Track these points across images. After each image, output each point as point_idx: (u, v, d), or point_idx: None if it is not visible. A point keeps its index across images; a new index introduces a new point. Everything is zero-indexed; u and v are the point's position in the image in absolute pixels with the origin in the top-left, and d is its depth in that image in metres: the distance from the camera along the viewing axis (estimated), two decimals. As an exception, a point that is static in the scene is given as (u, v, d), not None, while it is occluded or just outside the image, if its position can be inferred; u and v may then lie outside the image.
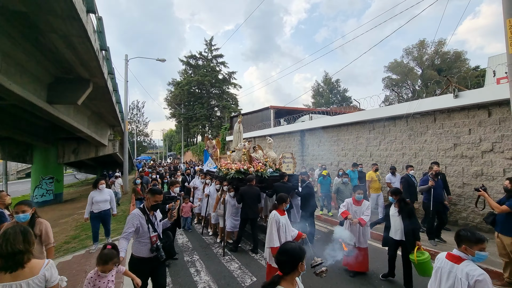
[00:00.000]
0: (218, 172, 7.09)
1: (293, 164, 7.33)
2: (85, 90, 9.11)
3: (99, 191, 5.98)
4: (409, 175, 7.06)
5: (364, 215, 4.64)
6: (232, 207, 6.13)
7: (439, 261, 2.48)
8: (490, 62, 15.10)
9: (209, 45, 43.51)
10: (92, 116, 13.44)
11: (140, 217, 3.15)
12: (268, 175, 6.56)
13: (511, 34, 5.81)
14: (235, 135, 8.38)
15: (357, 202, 4.78)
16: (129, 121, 50.97)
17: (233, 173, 6.31)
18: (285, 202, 4.07)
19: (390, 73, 40.27)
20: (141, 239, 3.14)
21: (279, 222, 3.88)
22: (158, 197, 3.26)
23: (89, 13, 6.48)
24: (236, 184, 6.26)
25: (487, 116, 6.76)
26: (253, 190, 5.94)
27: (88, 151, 16.91)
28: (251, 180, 5.98)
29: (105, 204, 6.02)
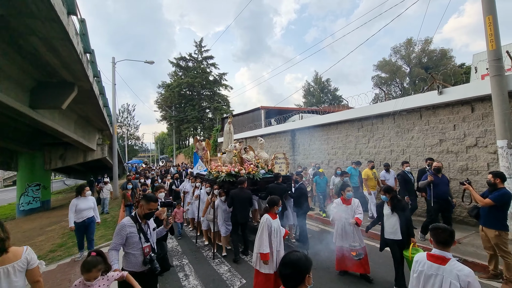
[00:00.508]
0: (208, 175, 6.84)
1: (285, 165, 7.11)
2: (69, 94, 8.91)
3: (84, 198, 5.69)
4: (405, 171, 6.87)
5: (357, 213, 4.47)
6: (224, 212, 5.82)
7: (419, 264, 2.33)
8: (475, 59, 15.43)
9: (199, 47, 43.30)
10: (78, 121, 13.16)
11: (130, 226, 2.84)
12: (260, 177, 6.33)
13: (490, 31, 5.95)
14: (225, 136, 8.08)
15: (347, 201, 4.60)
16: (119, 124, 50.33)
17: (224, 176, 6.04)
18: (277, 205, 3.84)
19: (379, 71, 40.86)
20: (131, 250, 2.83)
21: (271, 227, 3.66)
22: (153, 205, 2.96)
23: (70, 15, 6.33)
24: (227, 187, 5.96)
25: (470, 112, 6.89)
26: (244, 193, 5.66)
27: (76, 156, 16.57)
28: (242, 183, 5.70)
29: (88, 211, 5.72)
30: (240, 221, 5.63)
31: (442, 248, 2.26)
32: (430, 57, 36.68)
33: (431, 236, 2.34)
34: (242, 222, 5.67)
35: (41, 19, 5.54)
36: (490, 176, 4.33)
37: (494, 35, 5.88)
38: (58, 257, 6.28)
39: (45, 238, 8.75)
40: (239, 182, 5.74)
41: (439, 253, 2.25)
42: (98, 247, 6.34)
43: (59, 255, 6.48)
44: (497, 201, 4.06)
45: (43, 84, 8.53)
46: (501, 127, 5.71)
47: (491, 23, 5.91)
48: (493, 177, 4.27)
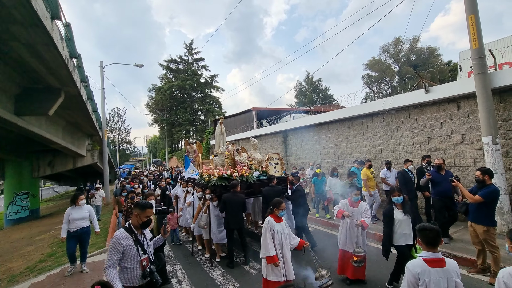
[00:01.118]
0: (200, 179, 6.57)
1: (280, 166, 6.88)
2: (56, 99, 8.75)
3: (78, 207, 5.39)
4: (406, 170, 6.69)
5: (365, 216, 4.16)
6: (216, 217, 5.59)
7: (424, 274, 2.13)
8: (461, 56, 15.78)
9: (189, 49, 43.10)
10: (67, 127, 12.92)
11: (125, 238, 2.62)
12: (254, 179, 6.04)
13: (473, 30, 6.09)
14: (217, 138, 7.88)
15: (354, 204, 4.32)
16: (110, 129, 49.59)
17: (216, 179, 5.73)
18: (278, 207, 3.62)
19: (369, 70, 41.40)
20: (128, 264, 2.63)
21: (274, 229, 3.48)
22: (149, 211, 2.76)
23: (54, 20, 6.22)
24: (220, 191, 5.68)
25: (456, 109, 7.03)
26: (237, 197, 5.41)
27: (65, 163, 16.26)
28: (235, 186, 5.45)
29: (83, 221, 5.40)
30: (233, 227, 5.38)
31: (433, 249, 2.23)
32: (418, 55, 37.40)
33: (419, 238, 2.31)
34: (235, 228, 5.42)
35: (24, 25, 5.43)
36: (479, 173, 4.39)
37: (477, 34, 6.02)
38: (47, 268, 6.13)
39: (34, 248, 8.54)
40: (231, 186, 5.49)
41: (436, 256, 2.20)
42: (89, 256, 6.22)
43: (48, 265, 6.33)
44: (486, 197, 4.13)
45: (28, 90, 8.35)
46: (485, 124, 5.84)
47: (473, 23, 6.05)
48: (481, 174, 4.34)
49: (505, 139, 6.14)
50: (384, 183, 7.58)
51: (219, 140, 7.82)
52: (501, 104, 6.20)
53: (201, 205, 5.85)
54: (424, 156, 6.63)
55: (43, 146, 12.99)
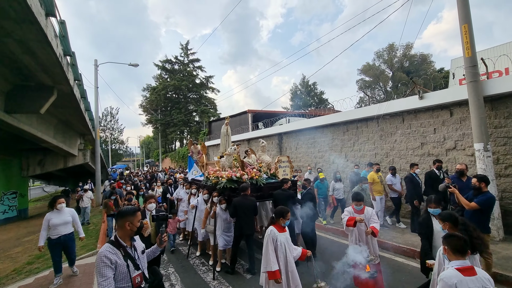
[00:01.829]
0: (206, 180, 6.32)
1: (290, 168, 6.57)
2: (48, 97, 8.58)
3: (57, 212, 4.92)
4: (414, 174, 6.49)
5: (373, 222, 3.90)
6: (224, 222, 5.27)
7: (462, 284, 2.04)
8: (453, 64, 16.13)
9: (185, 49, 42.90)
10: (59, 125, 12.68)
11: (112, 253, 2.22)
12: (264, 182, 5.74)
13: (466, 39, 6.22)
14: (222, 139, 7.58)
15: (358, 211, 4.09)
16: (102, 128, 48.91)
17: (224, 182, 5.46)
18: (284, 216, 3.37)
19: (363, 75, 41.91)
20: (118, 283, 2.23)
21: (277, 241, 3.26)
22: (139, 215, 2.47)
23: (48, 17, 6.11)
24: (228, 194, 5.40)
25: (449, 116, 7.16)
26: (248, 201, 5.08)
27: (55, 162, 15.93)
28: (245, 190, 5.13)
29: (65, 227, 4.96)
30: (246, 233, 5.03)
31: (462, 257, 2.18)
32: (411, 61, 38.05)
33: (447, 246, 2.27)
34: (248, 233, 5.09)
35: (17, 21, 5.31)
36: (475, 180, 4.44)
37: (470, 43, 6.15)
38: (35, 270, 5.97)
39: (22, 249, 8.31)
40: (242, 189, 5.15)
41: (466, 264, 2.13)
42: (79, 258, 6.09)
43: (36, 267, 6.16)
44: (482, 205, 4.16)
45: (19, 87, 8.17)
46: (477, 131, 5.96)
47: (467, 32, 6.18)
48: (478, 181, 4.38)
49: (496, 146, 6.27)
50: (390, 190, 7.36)
51: (224, 141, 7.54)
52: (492, 112, 6.33)
53: (208, 209, 5.57)
54: (435, 161, 6.39)
55: (34, 144, 12.70)
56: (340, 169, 9.92)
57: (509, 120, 6.08)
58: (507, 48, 14.07)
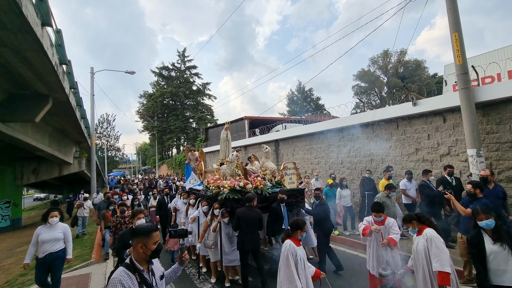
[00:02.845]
0: (206, 190, 5.78)
1: (296, 176, 6.04)
2: (43, 106, 8.56)
3: (49, 226, 4.40)
4: (427, 181, 6.12)
5: (392, 233, 3.63)
6: (227, 236, 4.88)
7: None
8: (446, 70, 16.44)
9: (182, 56, 43.21)
10: (54, 133, 12.61)
11: (126, 279, 1.94)
12: (269, 192, 5.29)
13: (457, 47, 6.35)
14: (222, 145, 7.19)
15: (379, 222, 3.82)
16: (98, 135, 48.62)
17: (227, 192, 4.98)
18: (302, 229, 3.16)
19: (359, 81, 42.44)
20: None
21: (296, 255, 2.99)
22: (157, 235, 2.10)
23: (44, 26, 6.15)
24: (231, 206, 4.93)
25: (442, 122, 7.26)
26: (253, 213, 4.63)
27: (50, 170, 15.77)
28: (251, 200, 4.68)
29: (55, 244, 4.38)
30: (248, 248, 4.58)
31: None
32: (405, 67, 38.65)
33: None
34: (251, 248, 4.61)
35: (13, 31, 5.34)
36: (470, 186, 4.49)
37: (461, 50, 6.29)
38: (28, 282, 5.85)
39: (15, 260, 8.16)
40: (247, 199, 4.71)
41: None
42: (72, 269, 5.99)
43: (29, 279, 6.03)
44: None
45: (14, 96, 8.15)
46: (470, 137, 6.04)
47: (457, 40, 6.32)
48: (472, 188, 4.43)
49: (488, 151, 6.35)
50: (404, 195, 7.00)
51: (224, 147, 7.11)
52: (484, 118, 6.44)
53: (208, 221, 5.09)
54: (446, 166, 6.18)
55: (28, 153, 12.59)
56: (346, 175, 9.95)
57: (501, 126, 6.19)
58: (498, 54, 14.39)
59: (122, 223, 5.26)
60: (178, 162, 31.67)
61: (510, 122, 6.04)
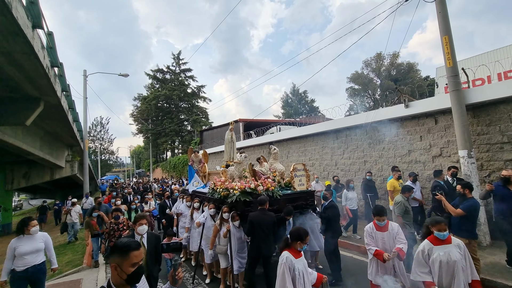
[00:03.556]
0: (212, 193, 5.56)
1: (306, 178, 5.78)
2: (34, 109, 8.44)
3: (27, 237, 4.00)
4: (441, 182, 5.74)
5: (399, 242, 3.41)
6: (238, 241, 4.59)
7: None
8: (438, 72, 16.71)
9: (176, 59, 43.11)
10: (45, 137, 12.42)
11: None
12: (280, 194, 5.05)
13: (447, 49, 6.46)
14: (226, 146, 6.98)
15: (381, 227, 3.58)
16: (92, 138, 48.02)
17: (237, 194, 4.75)
18: (303, 240, 2.91)
19: (352, 83, 42.78)
20: None
21: (294, 269, 2.78)
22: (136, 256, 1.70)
23: (35, 29, 6.07)
24: (241, 209, 4.70)
25: (434, 124, 7.36)
26: (268, 216, 4.36)
27: (42, 174, 15.50)
28: (264, 203, 4.41)
29: (36, 256, 4.02)
30: (264, 254, 4.28)
31: None
32: (398, 70, 39.13)
33: None
34: (266, 255, 4.32)
35: (3, 33, 5.26)
36: (459, 186, 4.56)
37: (451, 53, 6.40)
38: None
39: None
40: (259, 202, 4.44)
41: None
42: (63, 275, 5.88)
43: None
44: (467, 211, 4.27)
45: (4, 99, 8.01)
46: (461, 138, 6.13)
47: (447, 43, 6.43)
48: (462, 188, 4.51)
49: (479, 152, 6.45)
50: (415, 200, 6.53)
51: (229, 148, 6.92)
52: (475, 119, 6.55)
53: (218, 226, 4.82)
54: (450, 167, 6.04)
55: (19, 157, 12.36)
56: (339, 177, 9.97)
57: (491, 127, 6.29)
58: (488, 57, 14.68)
59: (116, 229, 5.05)
60: (173, 165, 31.45)
61: (500, 124, 6.15)
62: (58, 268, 4.89)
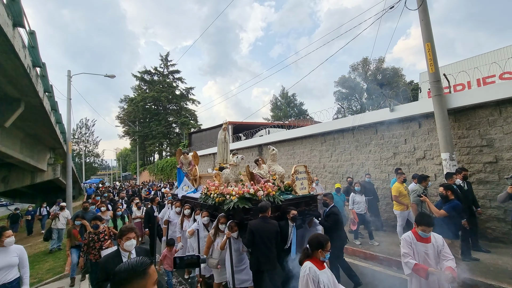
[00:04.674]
0: (205, 198, 5.05)
1: (308, 181, 5.33)
2: (14, 110, 8.13)
3: (1, 250, 3.47)
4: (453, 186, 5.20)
5: (446, 259, 2.88)
6: (235, 253, 4.13)
7: None
8: (422, 77, 17.27)
9: (165, 61, 42.62)
10: (26, 139, 11.95)
11: None
12: (282, 199, 4.59)
13: (430, 56, 6.70)
14: (219, 147, 6.53)
15: (423, 238, 3.02)
16: (76, 141, 46.66)
17: (235, 201, 4.27)
18: (324, 247, 2.61)
19: (340, 87, 43.57)
20: None
21: (319, 282, 2.46)
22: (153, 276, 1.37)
23: (16, 27, 5.87)
24: (240, 217, 4.26)
25: (418, 127, 7.58)
26: (269, 225, 3.92)
27: (22, 178, 14.87)
28: (265, 210, 3.95)
29: (9, 272, 3.45)
30: (265, 268, 3.82)
31: None
32: (384, 74, 40.18)
33: None
34: (268, 269, 3.84)
35: (-20, 31, 5.05)
36: (442, 188, 4.73)
37: (433, 59, 6.64)
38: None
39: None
40: (260, 209, 3.98)
41: None
42: (43, 283, 5.65)
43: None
44: (450, 212, 4.44)
45: (-18, 100, 7.66)
46: (443, 141, 6.35)
47: (430, 49, 6.67)
48: (444, 190, 4.68)
49: (460, 155, 6.69)
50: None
51: (222, 149, 6.48)
52: (456, 123, 6.79)
53: (211, 236, 4.35)
54: (459, 169, 5.71)
55: (-3, 160, 11.84)
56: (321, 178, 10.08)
57: (471, 131, 6.54)
58: (468, 63, 15.30)
59: (96, 240, 4.60)
60: (161, 167, 30.94)
61: (479, 128, 6.40)
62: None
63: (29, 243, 10.67)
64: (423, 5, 6.72)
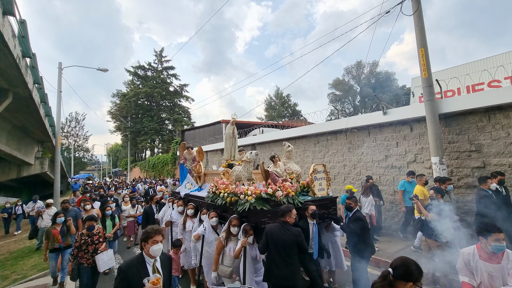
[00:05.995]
0: (213, 197, 4.61)
1: (326, 181, 4.91)
2: (1, 101, 7.90)
3: None
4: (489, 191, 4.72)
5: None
6: (252, 261, 3.66)
7: None
8: (414, 82, 17.56)
9: (159, 56, 42.11)
10: (13, 131, 11.62)
11: None
12: (301, 201, 4.20)
13: (423, 61, 6.80)
14: (227, 142, 6.13)
15: (490, 256, 2.49)
16: (65, 135, 45.71)
17: (251, 201, 3.82)
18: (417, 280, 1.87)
19: (334, 89, 43.98)
20: None
21: None
22: None
23: (6, 15, 5.69)
24: (256, 220, 3.80)
25: (409, 131, 7.70)
26: (288, 234, 3.34)
27: (7, 171, 14.46)
28: (285, 214, 3.48)
29: None
30: (278, 283, 3.27)
31: None
32: (377, 78, 40.75)
33: None
34: (284, 285, 3.26)
35: (-32, 18, 4.88)
36: (432, 191, 4.82)
37: (426, 65, 6.75)
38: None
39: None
40: (282, 213, 3.50)
41: None
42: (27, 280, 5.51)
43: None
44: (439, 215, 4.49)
45: (-33, 89, 7.42)
46: (434, 146, 6.47)
47: (423, 55, 6.78)
48: (434, 193, 4.76)
49: (450, 159, 6.83)
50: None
51: (230, 144, 6.07)
52: (446, 128, 6.93)
53: (222, 241, 3.90)
54: (495, 173, 5.07)
55: (-18, 152, 11.48)
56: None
57: (460, 136, 6.69)
58: (459, 70, 15.63)
59: (89, 243, 4.23)
60: (152, 164, 30.58)
61: (468, 133, 6.54)
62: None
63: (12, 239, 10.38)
64: (418, 10, 6.82)
